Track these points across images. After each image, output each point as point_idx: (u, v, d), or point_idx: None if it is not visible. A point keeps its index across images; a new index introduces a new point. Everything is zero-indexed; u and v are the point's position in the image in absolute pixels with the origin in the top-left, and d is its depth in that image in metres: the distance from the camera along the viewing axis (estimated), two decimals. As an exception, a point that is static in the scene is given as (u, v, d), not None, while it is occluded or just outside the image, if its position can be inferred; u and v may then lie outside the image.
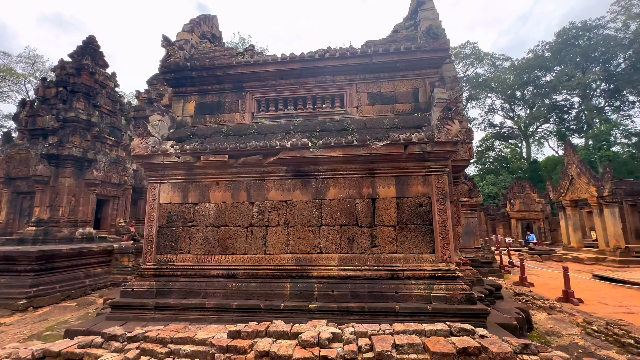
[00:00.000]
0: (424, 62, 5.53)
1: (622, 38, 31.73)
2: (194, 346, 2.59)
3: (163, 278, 4.86)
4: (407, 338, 2.36)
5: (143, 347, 2.62)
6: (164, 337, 2.73)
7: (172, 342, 2.70)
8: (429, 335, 2.48)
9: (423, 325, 2.72)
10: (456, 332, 2.53)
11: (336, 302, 4.33)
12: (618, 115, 33.35)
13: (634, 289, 7.92)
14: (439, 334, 2.52)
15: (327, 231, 4.76)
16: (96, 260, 9.59)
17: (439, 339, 2.39)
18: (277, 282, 4.60)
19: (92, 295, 8.85)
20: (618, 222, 11.19)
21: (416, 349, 2.25)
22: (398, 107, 5.56)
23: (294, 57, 5.75)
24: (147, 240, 5.04)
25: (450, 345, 2.25)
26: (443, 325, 2.69)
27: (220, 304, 4.44)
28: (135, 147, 5.07)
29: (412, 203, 4.65)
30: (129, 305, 4.61)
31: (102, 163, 11.10)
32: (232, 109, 5.98)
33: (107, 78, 12.46)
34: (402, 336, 2.42)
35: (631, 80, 32.06)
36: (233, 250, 4.89)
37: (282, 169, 4.93)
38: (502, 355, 2.10)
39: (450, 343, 2.28)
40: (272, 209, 4.93)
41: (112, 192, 11.74)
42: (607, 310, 6.25)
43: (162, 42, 6.29)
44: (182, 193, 5.15)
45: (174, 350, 2.57)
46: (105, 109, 12.01)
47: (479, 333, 2.51)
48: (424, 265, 4.45)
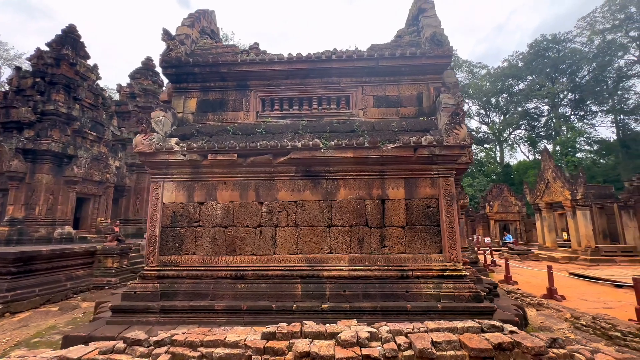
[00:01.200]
0: (428, 67, 5.69)
1: (587, 52, 34.02)
2: (227, 349, 2.54)
3: (167, 280, 4.70)
4: (443, 335, 2.44)
5: (173, 352, 2.53)
6: (193, 341, 2.65)
7: (202, 345, 2.62)
8: (462, 332, 2.59)
9: (454, 323, 2.82)
10: (486, 328, 2.65)
11: (348, 302, 4.38)
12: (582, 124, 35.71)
13: (607, 285, 8.52)
14: (470, 330, 2.63)
15: (337, 232, 4.79)
16: (78, 262, 9.09)
17: (472, 335, 2.49)
18: (287, 283, 4.58)
19: (74, 299, 8.38)
20: (589, 224, 12.01)
21: (453, 345, 2.34)
22: (402, 110, 5.69)
23: (301, 57, 5.74)
24: (149, 241, 4.85)
25: (486, 341, 2.35)
26: (473, 322, 2.80)
27: (230, 305, 4.36)
28: (138, 143, 4.87)
29: (421, 204, 4.78)
30: (132, 308, 4.42)
31: (83, 159, 10.55)
32: (236, 107, 5.88)
33: (89, 70, 11.85)
34: (437, 334, 2.50)
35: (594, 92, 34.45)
36: (241, 251, 4.81)
37: (292, 169, 4.92)
38: (536, 349, 2.23)
39: (485, 339, 2.39)
40: (281, 209, 4.90)
41: (93, 190, 11.18)
42: (588, 306, 6.69)
43: (163, 36, 6.08)
44: (187, 192, 5.00)
45: (205, 354, 2.50)
46: (86, 102, 11.40)
47: (508, 329, 2.64)
48: (432, 265, 4.59)
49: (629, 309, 6.42)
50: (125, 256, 9.95)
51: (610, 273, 9.45)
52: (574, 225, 12.49)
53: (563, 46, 35.21)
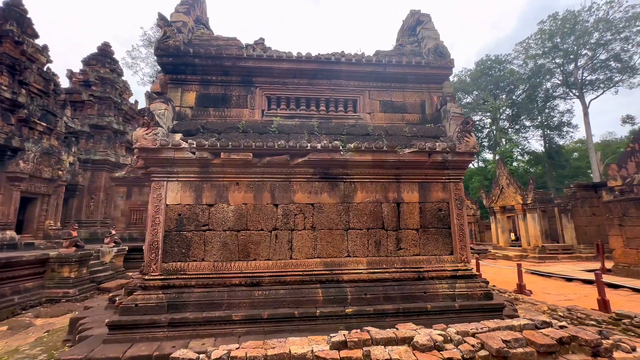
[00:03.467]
0: (431, 77, 5.97)
1: (522, 73, 38.40)
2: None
3: (173, 290, 4.27)
4: (507, 334, 2.56)
5: None
6: (255, 356, 2.42)
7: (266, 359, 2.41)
8: (520, 330, 2.74)
9: (512, 321, 2.97)
10: (539, 325, 2.84)
11: (370, 305, 4.38)
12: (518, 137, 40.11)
13: (560, 280, 9.67)
14: (527, 327, 2.79)
15: (354, 235, 4.78)
16: (26, 272, 7.86)
17: (532, 332, 2.65)
18: (307, 288, 4.44)
19: (23, 315, 7.22)
20: (537, 225, 13.56)
21: (520, 343, 2.47)
22: (407, 116, 5.88)
23: (310, 57, 5.65)
24: (150, 247, 4.36)
25: (548, 337, 2.52)
26: (527, 320, 2.98)
27: (248, 315, 4.09)
28: (139, 138, 4.37)
29: (433, 208, 4.98)
30: (134, 323, 3.93)
31: (32, 153, 9.19)
32: (240, 104, 5.57)
33: (38, 51, 10.35)
34: (500, 332, 2.62)
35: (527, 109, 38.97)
36: (255, 256, 4.55)
37: (309, 170, 4.79)
38: (594, 341, 2.44)
39: (545, 335, 2.56)
40: (298, 211, 4.74)
41: (42, 188, 9.78)
42: (553, 299, 7.51)
43: (158, 21, 5.55)
44: (194, 193, 4.60)
45: None
46: (35, 87, 9.96)
47: (557, 324, 2.86)
48: (445, 266, 4.80)
49: (585, 299, 7.35)
50: (85, 264, 8.84)
51: (559, 269, 10.74)
52: (525, 227, 14.00)
53: (503, 66, 39.29)
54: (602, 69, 33.51)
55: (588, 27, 32.64)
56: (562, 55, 35.00)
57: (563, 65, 35.55)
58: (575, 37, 33.07)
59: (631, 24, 30.81)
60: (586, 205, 13.71)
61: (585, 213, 13.74)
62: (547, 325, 2.81)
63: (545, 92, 38.36)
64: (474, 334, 2.63)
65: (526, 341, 2.50)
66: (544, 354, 2.41)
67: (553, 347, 2.43)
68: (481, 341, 2.49)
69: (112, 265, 10.21)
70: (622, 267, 9.21)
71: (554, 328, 2.76)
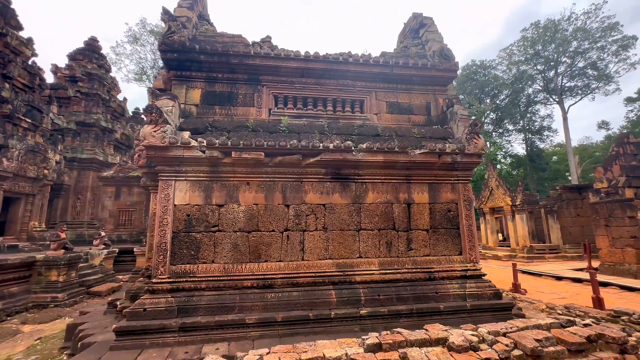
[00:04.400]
0: (436, 79, 6.04)
1: (506, 79, 39.60)
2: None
3: (182, 293, 4.12)
4: (537, 333, 2.59)
5: None
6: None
7: (301, 364, 2.35)
8: (547, 329, 2.78)
9: (538, 320, 3.01)
10: (564, 323, 2.89)
11: (383, 305, 4.36)
12: (502, 140, 41.31)
13: (550, 279, 9.97)
14: (554, 326, 2.83)
15: (366, 235, 4.76)
16: (11, 276, 7.45)
17: (560, 330, 2.69)
18: (320, 290, 4.38)
19: (8, 322, 6.83)
20: (526, 226, 13.98)
21: (551, 342, 2.50)
22: (413, 117, 5.92)
23: (318, 56, 5.61)
24: (158, 249, 4.20)
25: (577, 335, 2.57)
26: (553, 319, 3.03)
27: (262, 317, 4.00)
28: (147, 135, 4.20)
29: (443, 208, 5.02)
30: (143, 329, 3.76)
31: (16, 151, 8.74)
32: (247, 103, 5.46)
33: (22, 44, 9.87)
34: (530, 332, 2.64)
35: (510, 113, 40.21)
36: (267, 258, 4.46)
37: (321, 170, 4.74)
38: (622, 339, 2.51)
39: (572, 334, 2.61)
40: (309, 212, 4.68)
41: (27, 188, 9.31)
42: (548, 297, 7.72)
43: (163, 15, 5.38)
44: (204, 193, 4.47)
45: None
46: (19, 82, 9.49)
47: (582, 322, 2.93)
48: (455, 266, 4.84)
49: (577, 297, 7.61)
50: (74, 267, 8.46)
51: (548, 268, 11.09)
52: (513, 227, 14.40)
53: (488, 72, 40.41)
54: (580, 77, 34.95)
55: (567, 35, 34.02)
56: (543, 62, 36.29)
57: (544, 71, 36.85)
58: (556, 45, 34.39)
59: (607, 34, 32.31)
60: (571, 206, 14.24)
61: (570, 214, 14.27)
62: (571, 324, 2.87)
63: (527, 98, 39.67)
64: (504, 333, 2.65)
65: (556, 340, 2.53)
66: (575, 352, 2.45)
67: (583, 345, 2.47)
68: (514, 340, 2.51)
69: (102, 268, 9.82)
70: (608, 266, 9.59)
71: (578, 326, 2.82)
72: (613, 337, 2.54)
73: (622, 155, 10.05)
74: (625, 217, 9.26)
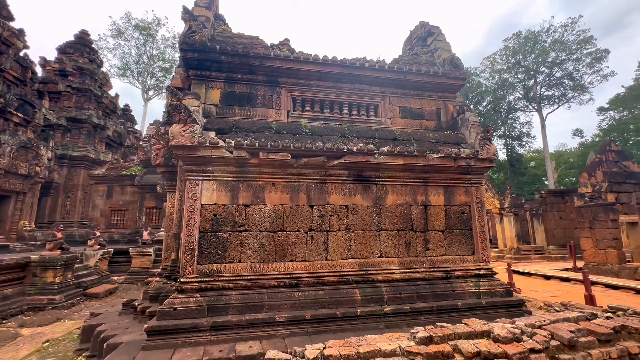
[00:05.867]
0: (447, 86, 6.30)
1: (489, 86, 41.11)
2: (389, 358, 2.42)
3: (211, 292, 4.13)
4: (569, 325, 2.81)
5: None
6: (349, 354, 2.44)
7: (359, 357, 2.44)
8: (576, 321, 3.01)
9: (565, 313, 3.24)
10: (589, 316, 3.14)
11: (405, 303, 4.53)
12: (484, 145, 42.73)
13: (539, 278, 10.50)
14: (580, 319, 3.07)
15: (386, 236, 4.92)
16: (5, 277, 7.15)
17: (587, 323, 2.93)
18: (345, 289, 4.49)
19: (4, 325, 6.56)
20: (513, 228, 14.63)
21: (582, 333, 2.72)
22: (425, 122, 6.15)
23: (335, 61, 5.74)
24: (186, 248, 4.19)
25: (603, 327, 2.81)
26: (579, 312, 3.27)
27: (291, 316, 4.07)
28: (176, 134, 4.19)
29: (457, 210, 5.26)
30: (175, 328, 3.75)
31: (8, 147, 8.38)
32: (266, 104, 5.52)
33: (14, 35, 9.47)
34: (561, 324, 2.86)
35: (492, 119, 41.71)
36: (292, 257, 4.53)
37: (344, 172, 4.87)
38: (643, 329, 2.78)
39: (600, 325, 2.85)
40: (332, 213, 4.79)
41: (17, 185, 8.93)
42: (541, 296, 8.16)
43: (183, 15, 5.36)
44: (230, 193, 4.49)
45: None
46: (11, 75, 9.10)
47: (603, 316, 3.18)
48: (468, 265, 5.08)
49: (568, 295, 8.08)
50: (70, 268, 8.19)
51: (536, 268, 11.66)
52: (501, 229, 15.03)
53: (472, 78, 41.78)
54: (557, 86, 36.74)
55: (546, 47, 35.74)
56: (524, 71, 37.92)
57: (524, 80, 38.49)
58: (535, 55, 36.04)
59: (582, 47, 34.19)
60: (555, 210, 15.03)
61: (554, 217, 15.05)
62: (594, 317, 3.13)
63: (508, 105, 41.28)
64: (539, 326, 2.87)
65: (586, 331, 2.77)
66: (604, 342, 2.69)
67: (611, 335, 2.72)
68: (550, 332, 2.72)
69: (97, 269, 9.52)
70: (592, 266, 10.21)
71: (601, 319, 3.08)
72: (635, 328, 2.80)
73: (605, 162, 10.73)
74: (608, 220, 9.90)
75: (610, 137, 34.95)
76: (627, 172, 10.68)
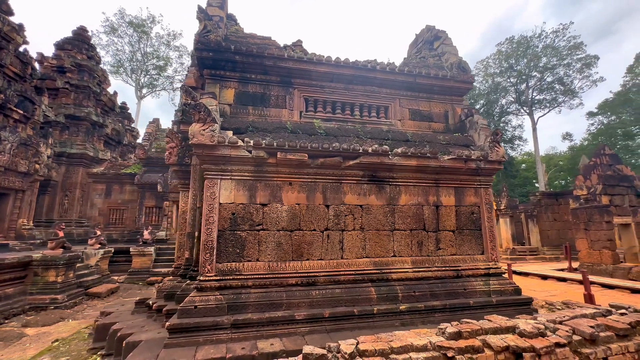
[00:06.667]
0: (454, 90, 6.44)
1: (482, 89, 41.74)
2: (421, 353, 2.50)
3: (230, 290, 4.16)
4: (588, 321, 2.93)
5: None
6: (383, 349, 2.51)
7: (393, 352, 2.51)
8: (594, 317, 3.14)
9: (583, 309, 3.36)
10: (605, 312, 3.27)
11: (419, 301, 4.62)
12: (477, 147, 43.39)
13: (536, 278, 10.75)
14: (597, 315, 3.20)
15: (399, 235, 5.01)
16: (6, 277, 7.03)
17: (605, 319, 3.06)
18: (360, 287, 4.57)
19: (7, 325, 6.45)
20: (509, 229, 14.93)
21: (601, 328, 2.85)
22: (433, 125, 6.27)
23: (348, 62, 5.82)
24: (205, 247, 4.21)
25: (620, 322, 2.94)
26: (595, 309, 3.40)
27: (310, 314, 4.13)
28: (196, 133, 4.21)
29: (467, 211, 5.38)
30: (196, 326, 3.77)
31: (8, 143, 8.23)
32: (279, 104, 5.57)
33: (14, 30, 9.30)
34: (580, 320, 2.99)
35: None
36: (309, 256, 4.59)
37: (359, 173, 4.94)
38: (657, 324, 2.92)
39: (616, 321, 2.98)
40: (347, 212, 4.86)
41: (17, 183, 8.77)
42: (541, 295, 8.36)
43: (198, 14, 5.38)
44: (248, 192, 4.52)
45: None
46: (11, 70, 8.94)
47: (617, 312, 3.32)
48: (478, 265, 5.21)
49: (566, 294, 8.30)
50: (72, 268, 8.08)
51: (532, 268, 11.93)
52: (498, 231, 15.31)
53: (466, 82, 42.34)
54: (548, 91, 37.54)
55: (538, 52, 36.51)
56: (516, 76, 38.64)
57: (516, 84, 39.22)
58: (527, 60, 36.78)
59: (572, 53, 35.05)
60: (549, 211, 15.39)
61: (548, 218, 15.41)
62: (609, 313, 3.27)
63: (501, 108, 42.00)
64: (560, 322, 2.98)
65: (605, 326, 2.89)
66: (622, 337, 2.82)
67: (628, 330, 2.85)
68: (571, 327, 2.84)
69: (98, 268, 9.40)
70: (587, 266, 10.50)
71: (616, 315, 3.22)
72: (650, 324, 2.95)
73: (599, 165, 11.06)
74: (602, 221, 10.20)
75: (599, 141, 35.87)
76: (621, 175, 11.02)
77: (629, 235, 10.25)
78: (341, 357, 2.48)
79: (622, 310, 3.37)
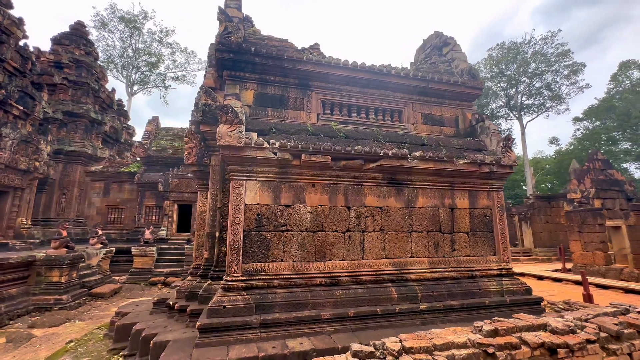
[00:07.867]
0: (465, 95, 6.62)
1: (474, 93, 42.51)
2: (462, 350, 2.61)
3: (256, 290, 4.20)
4: (610, 319, 3.11)
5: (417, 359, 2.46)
6: (427, 346, 2.60)
7: (436, 349, 2.61)
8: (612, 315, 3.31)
9: (604, 308, 3.54)
10: (624, 311, 3.46)
11: (437, 301, 4.76)
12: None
13: (532, 279, 11.08)
14: (617, 313, 3.38)
15: (417, 237, 5.13)
16: (10, 277, 6.86)
17: (625, 317, 3.24)
18: (382, 287, 4.67)
19: (12, 326, 6.31)
20: (503, 231, 15.35)
21: (624, 325, 3.02)
22: (445, 129, 6.44)
23: (364, 67, 5.92)
24: (231, 247, 4.23)
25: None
26: (614, 308, 3.58)
27: (335, 313, 4.21)
28: (224, 135, 4.24)
29: (480, 213, 5.56)
30: (226, 325, 3.80)
31: (9, 140, 8.03)
32: (297, 107, 5.63)
33: (14, 24, 9.07)
34: (602, 318, 3.16)
35: (476, 125, 43.17)
36: (331, 257, 4.66)
37: (379, 175, 5.05)
38: (674, 322, 3.11)
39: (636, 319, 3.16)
40: (368, 214, 4.96)
41: (16, 181, 8.56)
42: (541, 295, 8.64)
43: (219, 16, 5.39)
44: (273, 193, 4.57)
45: (448, 357, 2.52)
46: (11, 65, 8.71)
47: (635, 310, 3.51)
48: (491, 265, 5.38)
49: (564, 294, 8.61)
50: (76, 267, 7.94)
51: (528, 269, 12.29)
52: (492, 232, 15.73)
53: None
54: (536, 96, 38.60)
55: (527, 58, 37.51)
56: (506, 80, 39.58)
57: (506, 89, 40.18)
58: (517, 65, 37.73)
59: (560, 59, 36.13)
60: (542, 214, 15.87)
61: (541, 221, 15.89)
62: (627, 312, 3.46)
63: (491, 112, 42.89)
64: (585, 319, 3.15)
65: (627, 324, 3.07)
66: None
67: (647, 328, 3.04)
68: (597, 325, 3.00)
69: (100, 268, 9.24)
70: (581, 267, 10.89)
71: (633, 313, 3.41)
72: (667, 321, 3.14)
73: (592, 170, 11.49)
74: (595, 224, 10.62)
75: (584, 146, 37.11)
76: (612, 180, 11.49)
77: (620, 238, 10.69)
78: (388, 354, 2.57)
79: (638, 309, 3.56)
